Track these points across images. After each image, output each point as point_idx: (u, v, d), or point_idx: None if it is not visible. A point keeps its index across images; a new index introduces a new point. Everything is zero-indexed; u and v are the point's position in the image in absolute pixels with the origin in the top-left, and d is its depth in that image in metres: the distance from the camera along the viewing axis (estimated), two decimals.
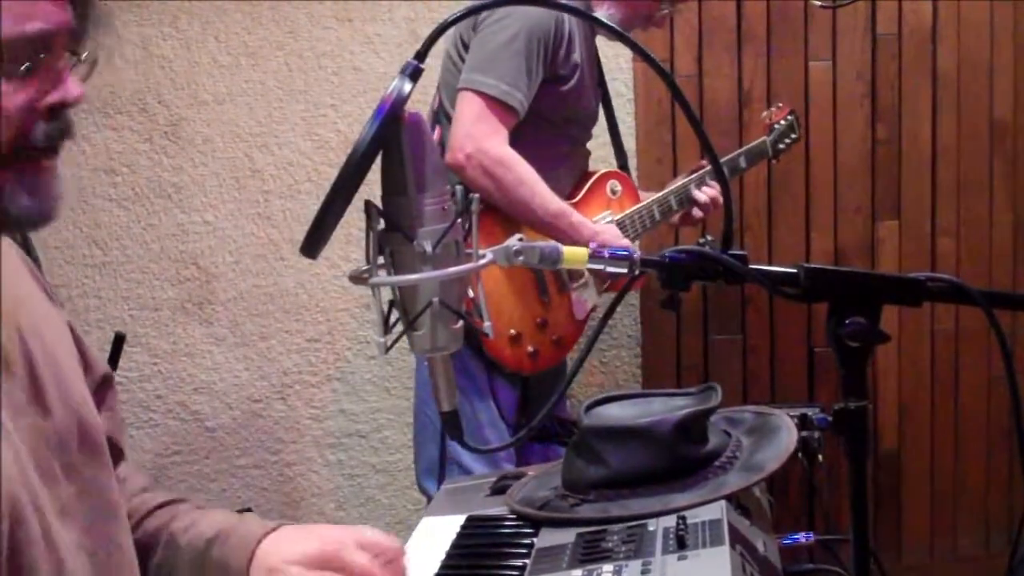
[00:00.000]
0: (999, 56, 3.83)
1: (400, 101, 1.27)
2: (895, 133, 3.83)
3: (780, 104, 3.53)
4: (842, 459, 1.45)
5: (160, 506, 1.48)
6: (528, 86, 2.79)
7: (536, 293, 2.93)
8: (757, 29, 3.75)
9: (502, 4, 2.68)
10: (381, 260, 1.32)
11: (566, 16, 2.84)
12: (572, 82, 2.93)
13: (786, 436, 1.69)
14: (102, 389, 1.40)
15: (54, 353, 1.26)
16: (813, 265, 1.44)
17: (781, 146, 3.44)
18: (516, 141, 2.80)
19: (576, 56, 2.91)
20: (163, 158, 3.63)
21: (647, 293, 3.76)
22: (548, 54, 2.82)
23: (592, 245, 1.48)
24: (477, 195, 1.36)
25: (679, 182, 3.22)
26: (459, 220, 1.32)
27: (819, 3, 3.50)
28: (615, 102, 3.70)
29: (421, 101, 3.13)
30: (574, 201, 3.02)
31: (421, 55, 1.31)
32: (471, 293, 1.37)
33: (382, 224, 1.30)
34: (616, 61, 3.71)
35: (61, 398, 1.23)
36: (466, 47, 2.86)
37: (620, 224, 3.06)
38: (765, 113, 3.49)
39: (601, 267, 1.48)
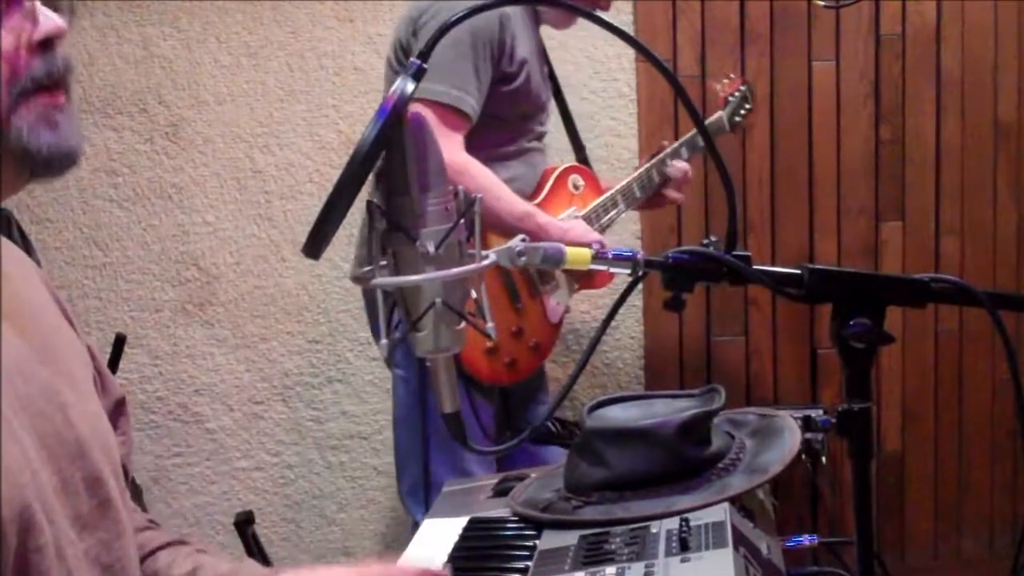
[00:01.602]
0: (1003, 56, 3.82)
1: (403, 101, 1.27)
2: (899, 133, 3.82)
3: (732, 75, 3.48)
4: (845, 461, 1.44)
5: (161, 547, 1.46)
6: (478, 89, 2.73)
7: (509, 301, 2.88)
8: (760, 29, 3.74)
9: (503, 4, 2.66)
10: (383, 261, 1.31)
11: (511, 13, 2.78)
12: (520, 79, 2.86)
13: (790, 438, 1.69)
14: (116, 413, 1.39)
15: (71, 369, 1.25)
16: (817, 266, 1.44)
17: (737, 118, 3.37)
18: (471, 145, 2.76)
19: (522, 52, 2.85)
20: (164, 159, 3.63)
21: (650, 294, 3.75)
22: (494, 54, 2.76)
23: (595, 245, 1.48)
24: (480, 196, 1.35)
25: (641, 169, 3.15)
26: (462, 220, 1.31)
27: (822, 3, 3.49)
28: (617, 102, 3.71)
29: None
30: (537, 201, 2.96)
31: (424, 55, 1.31)
32: (474, 294, 1.36)
33: (384, 224, 1.30)
34: (619, 61, 3.70)
35: (82, 411, 1.22)
36: (407, 54, 2.80)
37: (586, 219, 2.99)
38: (719, 86, 3.43)
39: (604, 268, 1.48)
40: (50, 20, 1.10)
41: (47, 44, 1.10)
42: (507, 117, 2.90)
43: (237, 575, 1.42)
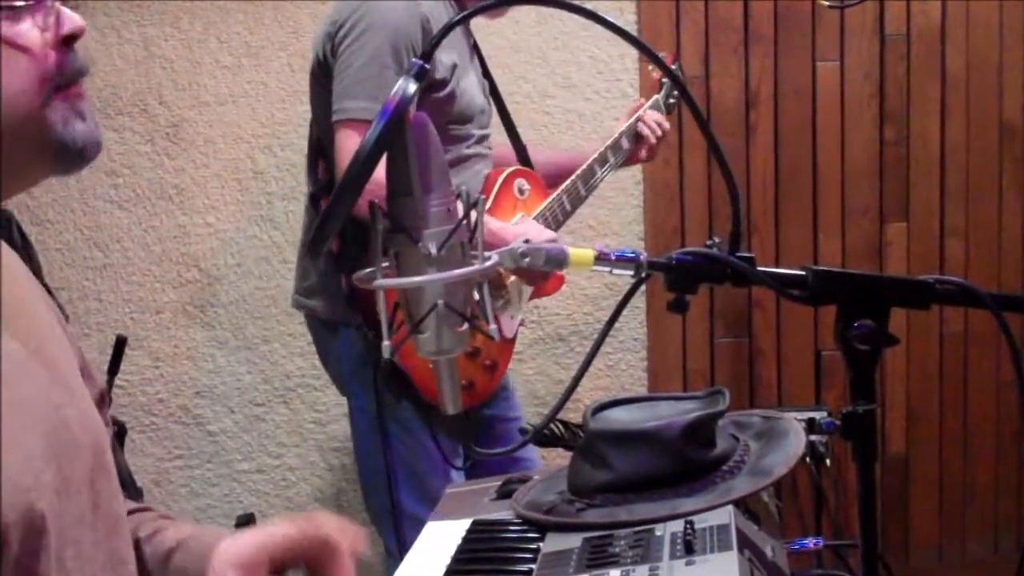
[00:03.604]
0: (1008, 56, 3.82)
1: (405, 102, 1.27)
2: (903, 134, 3.81)
3: (664, 53, 3.41)
4: (849, 463, 1.43)
5: (127, 513, 1.46)
6: None
7: None
8: (764, 29, 3.73)
9: (505, 4, 2.64)
10: (386, 262, 1.31)
11: (431, 15, 2.63)
12: (451, 84, 2.72)
13: (794, 440, 1.68)
14: (98, 405, 1.39)
15: (63, 366, 1.25)
16: (821, 267, 1.44)
17: (672, 100, 3.24)
18: None
19: (451, 55, 2.72)
20: (164, 159, 3.62)
21: (653, 296, 3.74)
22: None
23: (598, 246, 1.47)
24: (483, 196, 1.35)
25: (584, 166, 3.03)
26: (464, 222, 1.30)
27: (827, 3, 3.48)
28: (620, 103, 3.69)
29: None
30: (484, 209, 2.84)
31: (426, 55, 1.31)
32: (476, 296, 1.35)
33: (387, 225, 1.29)
34: (622, 61, 3.69)
35: (75, 410, 1.22)
36: (324, 71, 2.70)
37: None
38: (652, 66, 3.36)
39: (608, 269, 1.48)
40: (73, 18, 1.13)
41: (69, 41, 1.13)
42: (441, 125, 2.74)
43: (200, 535, 1.43)
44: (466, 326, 1.32)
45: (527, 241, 1.45)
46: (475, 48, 2.97)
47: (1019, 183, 3.88)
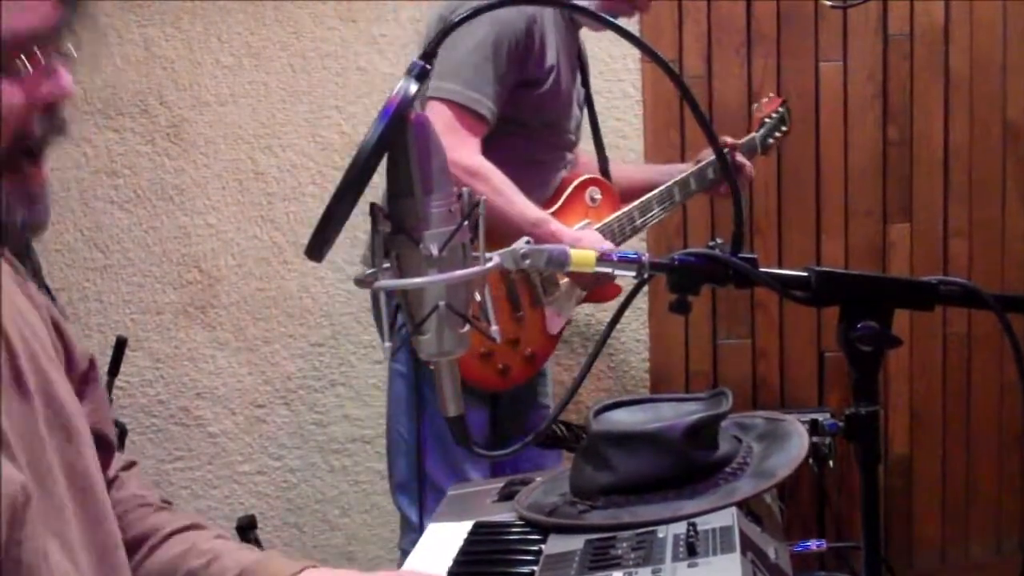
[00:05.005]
0: (1012, 56, 3.81)
1: (406, 102, 1.26)
2: (906, 134, 3.81)
3: (771, 94, 3.48)
4: (853, 464, 1.43)
5: (176, 531, 1.44)
6: (497, 92, 2.69)
7: (510, 310, 2.83)
8: (767, 29, 3.73)
9: (507, 4, 2.64)
10: (387, 263, 1.30)
11: (540, 16, 2.75)
12: (547, 85, 2.81)
13: (797, 442, 1.67)
14: (85, 380, 1.37)
15: (29, 340, 1.24)
16: (824, 268, 1.43)
17: (771, 140, 3.38)
18: (491, 148, 2.71)
19: (551, 57, 2.80)
20: (165, 160, 3.61)
21: (655, 297, 3.73)
22: (520, 56, 2.72)
23: (600, 248, 1.47)
24: (484, 197, 1.34)
25: (663, 187, 3.11)
26: (466, 222, 1.30)
27: (830, 3, 3.48)
28: (622, 103, 3.69)
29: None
30: (553, 210, 2.91)
31: (427, 55, 1.31)
32: (478, 297, 1.35)
33: (388, 226, 1.29)
34: (624, 62, 3.69)
35: (40, 385, 1.21)
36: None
37: (600, 232, 2.95)
38: (756, 105, 3.44)
39: (609, 270, 1.47)
40: (66, 83, 1.10)
41: (52, 107, 1.10)
42: (530, 124, 2.86)
43: (262, 566, 1.40)
44: (467, 327, 1.31)
45: (528, 241, 1.44)
46: (579, 58, 3.03)
47: (1022, 183, 3.87)
